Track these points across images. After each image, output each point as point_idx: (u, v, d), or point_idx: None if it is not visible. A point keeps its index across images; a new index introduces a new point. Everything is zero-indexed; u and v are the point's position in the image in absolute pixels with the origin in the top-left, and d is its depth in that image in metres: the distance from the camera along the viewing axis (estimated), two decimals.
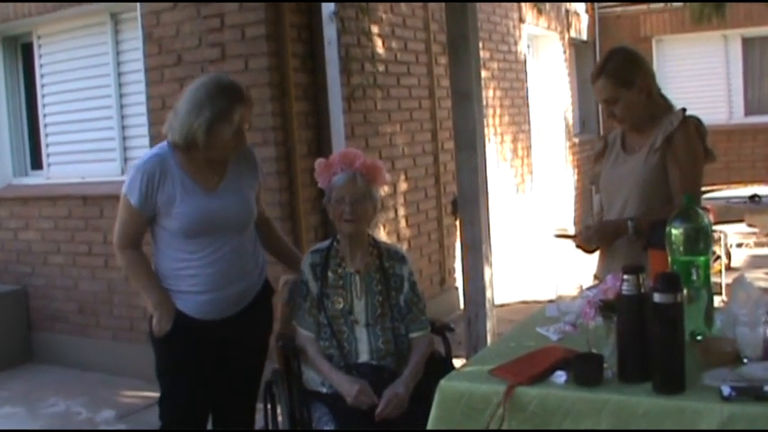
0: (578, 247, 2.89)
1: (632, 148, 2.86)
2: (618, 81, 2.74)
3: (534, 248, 8.05)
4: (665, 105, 2.84)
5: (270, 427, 3.01)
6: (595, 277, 2.93)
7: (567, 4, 9.48)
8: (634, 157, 2.81)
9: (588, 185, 10.11)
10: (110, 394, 4.91)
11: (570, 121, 9.51)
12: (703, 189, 2.89)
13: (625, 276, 1.97)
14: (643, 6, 10.35)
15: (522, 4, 8.08)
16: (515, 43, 7.95)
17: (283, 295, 3.10)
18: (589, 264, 3.07)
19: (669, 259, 2.23)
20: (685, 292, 2.02)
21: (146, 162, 2.72)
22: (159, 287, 2.77)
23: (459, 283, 6.13)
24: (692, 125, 2.75)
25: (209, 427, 2.98)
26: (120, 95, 5.37)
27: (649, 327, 1.92)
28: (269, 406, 3.01)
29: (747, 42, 10.20)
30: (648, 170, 2.74)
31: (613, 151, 2.93)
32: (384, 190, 5.55)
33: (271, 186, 4.52)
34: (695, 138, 2.75)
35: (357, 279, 2.87)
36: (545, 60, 9.10)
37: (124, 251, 2.80)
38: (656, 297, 1.90)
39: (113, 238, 2.84)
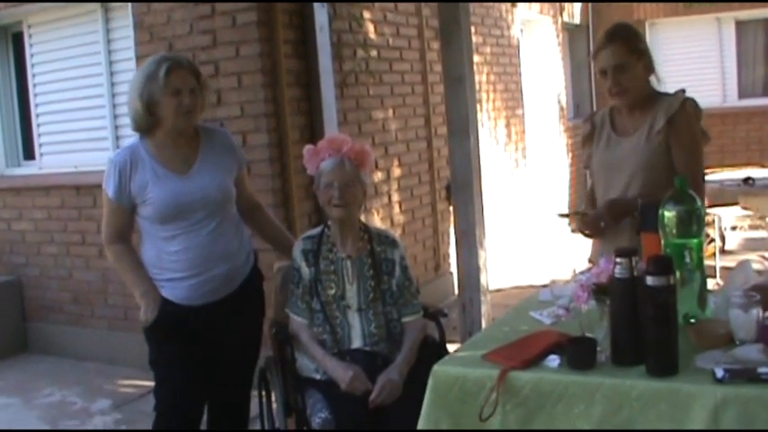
0: (580, 230, 2.87)
1: (625, 130, 2.84)
2: (631, 48, 2.72)
3: (528, 233, 8.05)
4: (657, 92, 2.82)
5: (264, 414, 3.00)
6: (590, 261, 2.92)
7: None
8: (630, 138, 2.80)
9: (583, 169, 10.10)
10: (105, 383, 4.91)
11: (564, 105, 9.49)
12: None
13: (618, 259, 1.97)
14: None
15: None
16: (508, 27, 7.92)
17: (276, 282, 3.11)
18: (582, 248, 3.06)
19: (662, 242, 2.22)
20: (678, 274, 2.02)
21: (117, 154, 2.79)
22: (145, 278, 2.79)
23: (453, 268, 6.13)
24: (691, 107, 2.74)
25: (205, 414, 2.97)
26: (112, 84, 5.33)
27: (642, 310, 1.92)
28: (263, 393, 3.01)
29: (741, 25, 10.17)
30: (651, 151, 2.73)
31: (603, 133, 2.90)
32: (377, 176, 5.55)
33: (263, 173, 4.52)
34: (694, 119, 2.74)
35: (349, 264, 2.86)
36: (538, 44, 9.07)
37: (110, 246, 2.83)
38: (649, 280, 1.89)
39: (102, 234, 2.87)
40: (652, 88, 2.81)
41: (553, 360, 2.04)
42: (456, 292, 5.04)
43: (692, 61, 10.14)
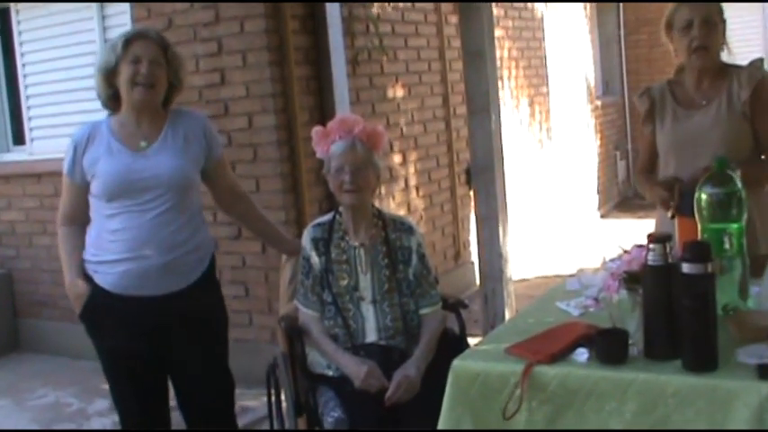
0: (666, 203, 2.75)
1: (693, 102, 2.85)
2: (719, 11, 2.78)
3: (554, 219, 8.02)
4: (725, 63, 2.86)
5: (273, 413, 3.01)
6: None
7: None
8: (703, 111, 2.80)
9: (612, 151, 10.06)
10: (102, 383, 4.84)
11: (592, 83, 9.43)
12: None
13: (651, 246, 1.95)
14: None
15: None
16: None
17: (286, 273, 3.11)
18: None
19: (699, 227, 2.20)
20: (717, 262, 2.00)
21: (78, 130, 2.80)
22: (75, 267, 2.77)
23: (474, 257, 6.13)
24: None
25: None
26: None
27: (678, 300, 1.90)
28: (272, 391, 3.02)
29: None
30: (735, 122, 2.75)
31: (666, 108, 2.89)
32: (392, 159, 5.54)
33: (270, 157, 4.52)
34: None
35: (362, 253, 2.86)
36: (564, 17, 9.00)
37: (60, 228, 2.85)
38: (685, 267, 1.87)
39: None
40: (720, 57, 2.84)
41: (581, 354, 2.03)
42: (477, 282, 5.04)
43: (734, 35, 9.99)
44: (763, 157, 2.84)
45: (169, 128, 2.78)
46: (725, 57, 2.89)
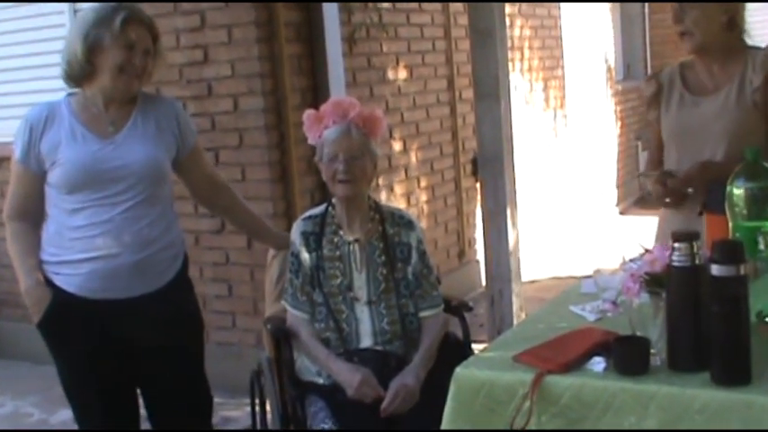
0: (660, 195, 2.80)
1: (702, 89, 2.82)
2: None
3: (569, 214, 8.02)
4: (744, 46, 2.79)
5: (257, 424, 3.00)
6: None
7: None
8: (711, 98, 2.77)
9: (633, 141, 10.05)
10: (50, 386, 4.88)
11: (612, 65, 9.41)
12: None
13: (676, 245, 1.93)
14: None
15: None
16: None
17: (273, 271, 3.11)
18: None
19: (730, 225, 2.19)
20: (750, 263, 1.98)
21: (33, 109, 2.72)
22: (33, 270, 2.70)
23: (480, 255, 6.11)
24: None
25: None
26: None
27: (706, 305, 1.89)
28: (256, 400, 3.01)
29: None
30: (743, 113, 2.71)
31: (674, 93, 2.87)
32: (391, 147, 5.53)
33: (257, 143, 4.51)
34: None
35: (356, 249, 2.85)
36: None
37: (9, 223, 2.76)
38: (714, 269, 1.86)
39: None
40: (738, 40, 2.78)
41: (598, 363, 2.01)
42: (483, 283, 5.03)
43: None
44: None
45: (139, 113, 2.74)
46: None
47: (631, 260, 2.24)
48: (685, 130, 2.81)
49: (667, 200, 2.78)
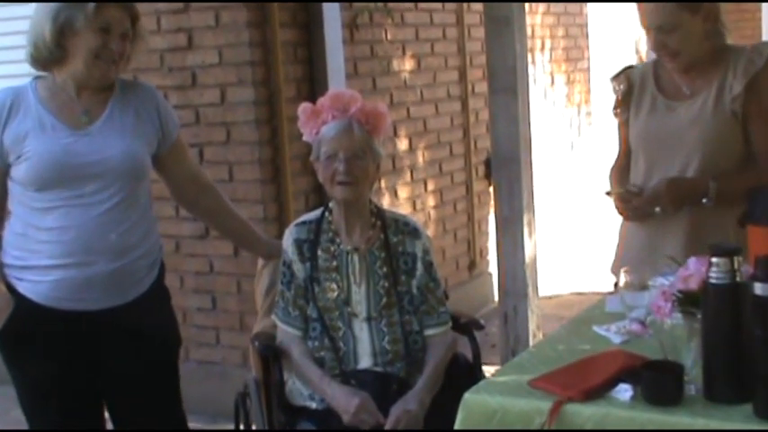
0: (623, 212, 2.91)
1: (678, 92, 2.84)
2: (682, 1, 2.70)
3: (593, 222, 8.00)
4: (724, 47, 2.81)
5: None
6: (613, 272, 2.97)
7: None
8: (687, 104, 2.80)
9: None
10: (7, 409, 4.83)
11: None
12: None
13: (714, 260, 1.94)
14: None
15: None
16: None
17: (262, 282, 3.12)
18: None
19: None
20: None
21: None
22: None
23: (492, 267, 6.11)
24: None
25: None
26: None
27: (747, 328, 1.89)
28: (242, 427, 3.01)
29: None
30: (720, 123, 2.74)
31: (645, 95, 2.90)
32: (396, 145, 5.52)
33: (247, 139, 4.51)
34: None
35: (356, 259, 2.86)
36: None
37: None
38: (758, 288, 1.86)
39: None
40: (719, 39, 2.80)
41: (624, 391, 2.02)
42: (496, 298, 5.03)
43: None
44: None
45: (116, 102, 2.73)
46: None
47: (662, 274, 2.24)
48: (656, 137, 2.84)
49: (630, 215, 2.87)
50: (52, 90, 2.69)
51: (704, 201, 2.72)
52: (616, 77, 3.01)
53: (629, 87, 2.94)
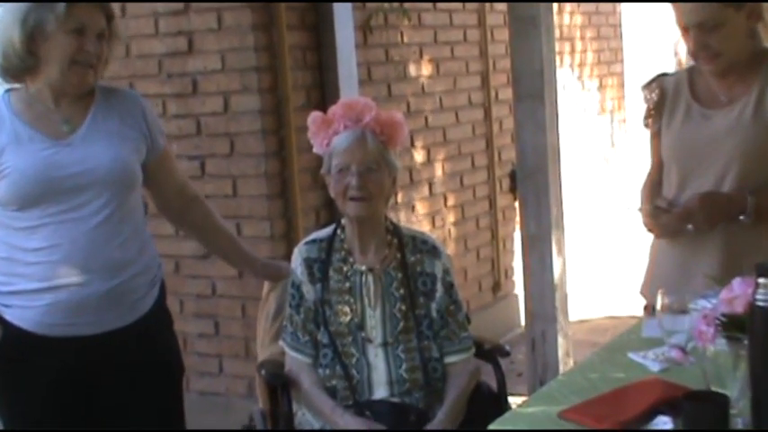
0: (653, 230, 2.92)
1: (714, 100, 2.84)
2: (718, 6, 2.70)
3: (628, 240, 7.97)
4: (765, 50, 2.83)
5: None
6: (643, 294, 3.02)
7: None
8: (724, 112, 2.81)
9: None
10: None
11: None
12: None
13: (761, 280, 1.92)
14: None
15: None
16: None
17: (269, 306, 3.13)
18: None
19: None
20: None
21: None
22: None
23: (519, 288, 6.10)
24: None
25: None
26: None
27: None
28: None
29: None
30: (760, 132, 2.74)
31: (680, 103, 2.90)
32: (413, 157, 5.52)
33: (252, 151, 4.52)
34: None
35: (370, 280, 2.86)
36: None
37: None
38: None
39: None
40: (758, 41, 2.80)
41: (663, 423, 2.01)
42: (522, 322, 5.01)
43: None
44: None
45: (98, 108, 2.72)
46: None
47: (704, 296, 2.23)
48: (690, 147, 2.85)
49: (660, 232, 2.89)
50: (27, 101, 2.67)
51: (741, 217, 2.71)
52: (648, 86, 3.02)
53: (662, 96, 2.95)
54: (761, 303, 1.92)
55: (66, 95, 2.68)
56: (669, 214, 2.82)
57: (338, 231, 2.92)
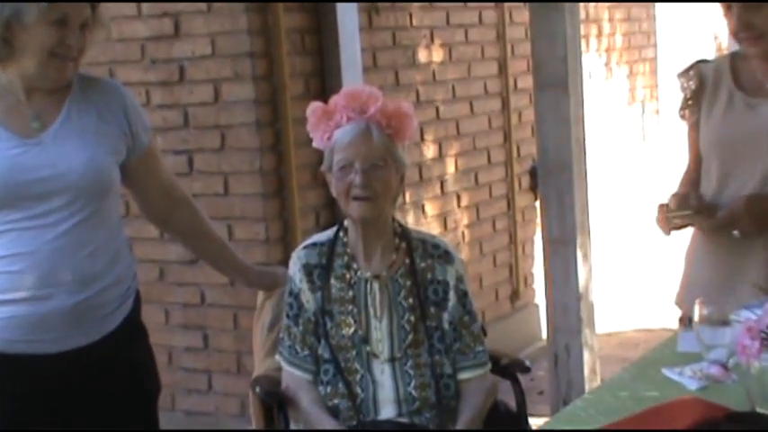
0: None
1: (761, 88, 2.85)
2: None
3: (661, 244, 7.97)
4: None
5: None
6: (678, 304, 3.03)
7: None
8: None
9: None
10: None
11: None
12: None
13: None
14: None
15: None
16: None
17: (264, 316, 3.13)
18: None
19: None
20: None
21: None
22: None
23: (540, 298, 6.10)
24: None
25: None
26: None
27: None
28: None
29: None
30: None
31: (721, 92, 2.91)
32: (423, 152, 5.52)
33: (246, 145, 4.53)
34: None
35: (376, 288, 2.86)
36: None
37: None
38: None
39: None
40: None
41: None
42: (543, 335, 5.01)
43: None
44: None
45: (73, 103, 2.70)
46: None
47: (746, 306, 2.23)
48: (732, 139, 2.86)
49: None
50: None
51: None
52: (684, 73, 3.02)
53: (701, 84, 2.95)
54: None
55: (39, 89, 2.66)
56: (712, 219, 2.81)
57: (340, 234, 2.92)
